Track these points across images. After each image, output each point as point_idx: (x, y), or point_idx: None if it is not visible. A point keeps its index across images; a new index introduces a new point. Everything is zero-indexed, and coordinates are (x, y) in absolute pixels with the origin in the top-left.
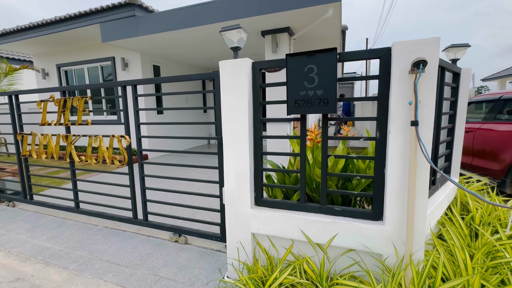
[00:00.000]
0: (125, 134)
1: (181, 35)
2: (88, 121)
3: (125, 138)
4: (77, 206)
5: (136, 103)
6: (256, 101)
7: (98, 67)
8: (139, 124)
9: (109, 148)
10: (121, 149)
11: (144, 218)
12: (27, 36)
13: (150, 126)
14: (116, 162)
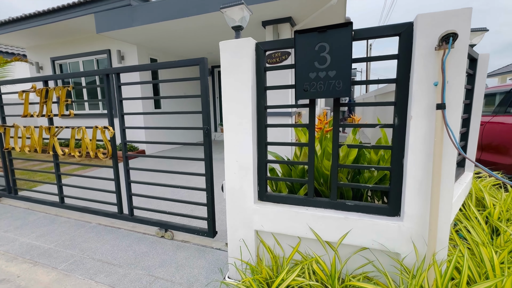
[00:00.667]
0: (109, 125)
1: (178, 25)
2: (71, 112)
3: (109, 129)
4: (61, 201)
5: (119, 92)
6: (260, 86)
7: (93, 60)
8: (123, 114)
9: (92, 140)
10: (105, 141)
11: (130, 213)
12: (19, 28)
13: (148, 119)
14: (100, 155)
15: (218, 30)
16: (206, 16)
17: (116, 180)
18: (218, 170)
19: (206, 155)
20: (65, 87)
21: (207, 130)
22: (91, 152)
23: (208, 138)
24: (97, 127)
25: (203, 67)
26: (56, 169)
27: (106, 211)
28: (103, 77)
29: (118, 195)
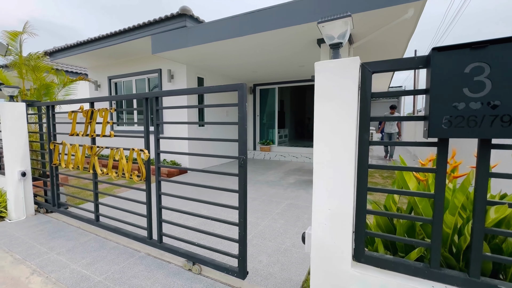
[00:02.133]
0: (145, 148)
1: (229, 45)
2: (111, 133)
3: (144, 152)
4: (96, 219)
5: (157, 116)
6: (364, 115)
7: (145, 79)
8: (159, 138)
9: (128, 161)
10: (140, 163)
11: (159, 240)
12: (84, 50)
13: (192, 135)
14: (134, 177)
15: (268, 48)
16: (259, 35)
17: (148, 204)
18: (257, 193)
19: (240, 187)
20: (108, 109)
21: (243, 161)
22: (127, 174)
23: (243, 169)
24: (133, 149)
25: (241, 94)
26: (94, 188)
27: (136, 235)
28: (143, 100)
29: (149, 220)
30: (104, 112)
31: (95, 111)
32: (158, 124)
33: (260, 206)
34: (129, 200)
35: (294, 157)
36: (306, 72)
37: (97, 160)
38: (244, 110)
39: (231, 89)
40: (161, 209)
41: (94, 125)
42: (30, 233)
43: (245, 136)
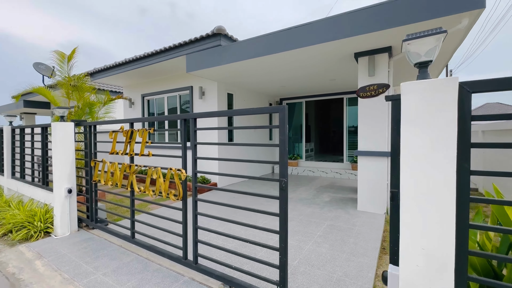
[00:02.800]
0: (182, 168)
1: (263, 62)
2: (149, 153)
3: (182, 172)
4: (132, 236)
5: (194, 136)
6: (463, 142)
7: (176, 96)
8: (196, 158)
9: (165, 181)
10: (177, 183)
11: (194, 260)
12: (122, 70)
13: (222, 151)
14: (171, 197)
15: (300, 64)
16: (294, 52)
17: (184, 224)
18: (293, 212)
19: (281, 211)
20: (147, 129)
21: (284, 184)
22: (164, 193)
23: (284, 192)
24: (171, 169)
25: (283, 116)
26: (131, 205)
27: (171, 254)
28: (181, 121)
29: (184, 240)
30: (144, 133)
31: (134, 131)
32: (196, 145)
33: (299, 227)
34: (164, 218)
35: (323, 173)
36: (336, 85)
37: (135, 178)
38: (285, 132)
39: (272, 111)
40: (197, 229)
41: (133, 144)
42: (75, 251)
43: (286, 158)
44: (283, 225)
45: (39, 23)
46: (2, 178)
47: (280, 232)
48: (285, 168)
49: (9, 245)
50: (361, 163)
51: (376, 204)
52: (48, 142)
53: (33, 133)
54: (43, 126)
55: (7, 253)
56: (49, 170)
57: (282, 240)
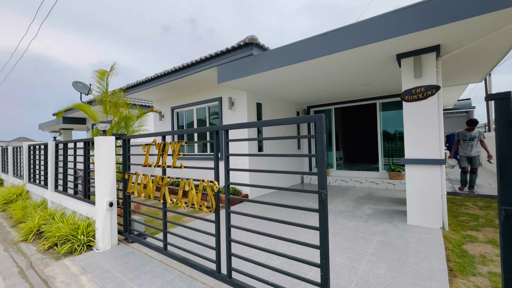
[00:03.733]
0: (214, 180)
1: (295, 69)
2: (182, 165)
3: (214, 183)
4: (165, 248)
5: (227, 148)
6: None
7: (205, 107)
8: (229, 170)
9: (198, 193)
10: (210, 195)
11: (228, 275)
12: (155, 84)
13: (252, 161)
14: (204, 209)
15: (334, 69)
16: (329, 57)
17: (217, 237)
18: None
19: (321, 225)
20: (179, 142)
21: (324, 196)
22: (196, 205)
23: (324, 205)
24: (203, 180)
25: (320, 125)
26: (164, 217)
27: (204, 267)
28: (213, 133)
29: (218, 253)
30: (176, 145)
31: (167, 144)
32: (228, 156)
33: (346, 244)
34: (197, 231)
35: (357, 182)
36: (369, 90)
37: (167, 190)
38: (323, 142)
39: (308, 120)
40: (231, 242)
41: (166, 157)
42: (117, 266)
43: (325, 169)
44: (324, 240)
45: (73, 45)
46: (46, 191)
47: (321, 247)
48: (324, 179)
49: (55, 259)
50: (410, 172)
51: (430, 218)
52: (90, 156)
53: (76, 148)
54: (85, 141)
55: (54, 267)
56: (91, 183)
57: (323, 256)
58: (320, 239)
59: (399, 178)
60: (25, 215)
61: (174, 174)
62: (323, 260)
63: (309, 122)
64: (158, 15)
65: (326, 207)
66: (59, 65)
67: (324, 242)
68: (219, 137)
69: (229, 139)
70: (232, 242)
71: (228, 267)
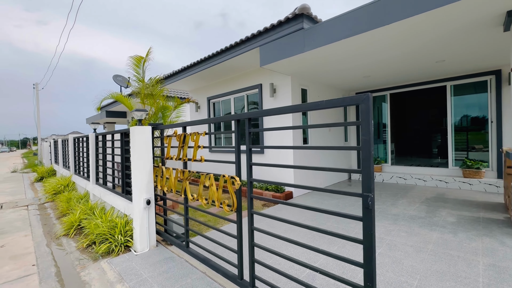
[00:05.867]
0: (236, 175)
1: (356, 42)
2: (202, 158)
3: (235, 180)
4: (187, 245)
5: (250, 139)
6: None
7: (244, 96)
8: (251, 165)
9: (218, 189)
10: (230, 192)
11: (251, 282)
12: (191, 72)
13: (297, 156)
14: (225, 207)
15: (402, 40)
16: (405, 22)
17: (239, 239)
18: (412, 238)
19: (366, 237)
20: (199, 133)
21: (371, 201)
22: (216, 202)
23: (370, 212)
24: (224, 176)
25: (366, 108)
26: (185, 212)
27: (226, 271)
28: (235, 122)
29: (240, 257)
30: (196, 136)
31: (187, 136)
32: (251, 149)
33: (441, 266)
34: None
35: (419, 180)
36: (439, 70)
37: (188, 185)
38: (370, 130)
39: (351, 102)
40: (254, 246)
41: (186, 149)
42: (156, 275)
43: (372, 166)
44: (369, 256)
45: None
46: (88, 183)
47: (365, 265)
48: (370, 179)
49: (93, 259)
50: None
51: None
52: (127, 149)
53: (113, 139)
54: (122, 132)
55: (90, 270)
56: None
57: (368, 278)
58: (364, 256)
59: (477, 176)
60: (69, 207)
61: (205, 168)
62: (368, 283)
63: (352, 104)
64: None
65: (372, 215)
66: (104, 65)
67: (369, 260)
68: (240, 127)
69: (251, 129)
70: (258, 248)
71: (251, 274)
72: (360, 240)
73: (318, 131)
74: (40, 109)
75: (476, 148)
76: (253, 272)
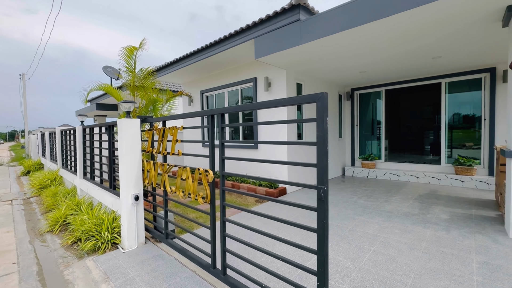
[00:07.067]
0: (210, 169)
1: (354, 35)
2: (179, 152)
3: (209, 173)
4: (166, 237)
5: (222, 134)
6: None
7: (238, 90)
8: (224, 158)
9: (194, 181)
10: (205, 184)
11: (222, 271)
12: (184, 64)
13: (291, 152)
14: (199, 199)
15: (399, 33)
16: (403, 15)
17: (212, 230)
18: (406, 235)
19: (319, 226)
20: (177, 127)
21: (323, 193)
22: (192, 194)
23: (323, 203)
24: (199, 169)
25: (321, 106)
26: (165, 205)
27: (201, 261)
28: (208, 117)
29: (213, 247)
30: (174, 130)
31: (166, 130)
32: (223, 143)
33: (434, 263)
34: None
35: (412, 177)
36: (434, 67)
37: (167, 178)
38: (324, 127)
39: (307, 100)
40: (225, 237)
41: (165, 143)
42: (143, 274)
43: (325, 161)
44: (322, 244)
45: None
46: (76, 178)
47: (318, 252)
48: (324, 173)
49: (78, 257)
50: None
51: None
52: (114, 142)
53: (101, 132)
54: (109, 124)
55: (74, 269)
56: (117, 172)
57: (320, 263)
58: (318, 243)
59: (469, 173)
60: (55, 202)
61: (196, 163)
62: (320, 268)
63: (309, 102)
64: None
65: (325, 206)
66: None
67: (322, 247)
68: (214, 122)
69: (224, 125)
70: (233, 240)
71: (223, 263)
72: (314, 229)
73: (313, 127)
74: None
75: (468, 145)
76: (225, 261)
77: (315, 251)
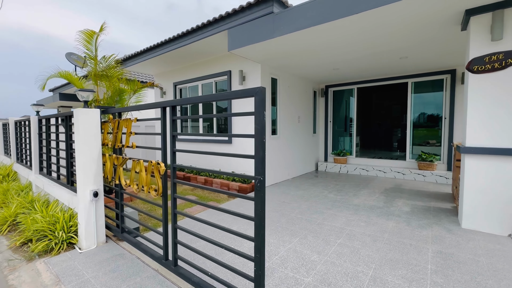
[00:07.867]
0: (161, 161)
1: (325, 31)
2: (133, 144)
3: (160, 165)
4: (122, 231)
5: (173, 126)
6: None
7: (212, 83)
8: (175, 151)
9: (147, 174)
10: (156, 177)
11: (173, 262)
12: (155, 54)
13: (268, 147)
14: (152, 192)
15: (368, 30)
16: (373, 13)
17: (164, 222)
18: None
19: (256, 215)
20: (131, 119)
21: (259, 183)
22: (145, 187)
23: (260, 193)
24: (151, 162)
25: (259, 99)
26: (120, 199)
27: (154, 253)
28: (161, 109)
29: (165, 239)
30: (127, 122)
31: (121, 121)
32: (174, 136)
33: (394, 254)
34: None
35: (380, 172)
36: (401, 67)
37: (122, 171)
38: (262, 120)
39: (246, 95)
40: (176, 229)
41: (120, 135)
42: (101, 275)
43: (262, 153)
44: (259, 231)
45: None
46: (31, 173)
47: (255, 239)
48: (260, 165)
49: (27, 259)
50: (471, 164)
51: (495, 222)
52: (72, 134)
53: (57, 124)
54: (66, 115)
55: (21, 272)
56: (75, 167)
57: (257, 250)
58: (255, 231)
59: (430, 168)
60: (5, 200)
61: (159, 157)
62: (257, 254)
63: (246, 97)
64: None
65: (262, 196)
66: (62, 43)
67: (258, 234)
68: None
69: (175, 117)
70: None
71: (174, 255)
72: (252, 218)
73: (288, 122)
74: None
75: (432, 143)
76: (176, 252)
77: (253, 238)
